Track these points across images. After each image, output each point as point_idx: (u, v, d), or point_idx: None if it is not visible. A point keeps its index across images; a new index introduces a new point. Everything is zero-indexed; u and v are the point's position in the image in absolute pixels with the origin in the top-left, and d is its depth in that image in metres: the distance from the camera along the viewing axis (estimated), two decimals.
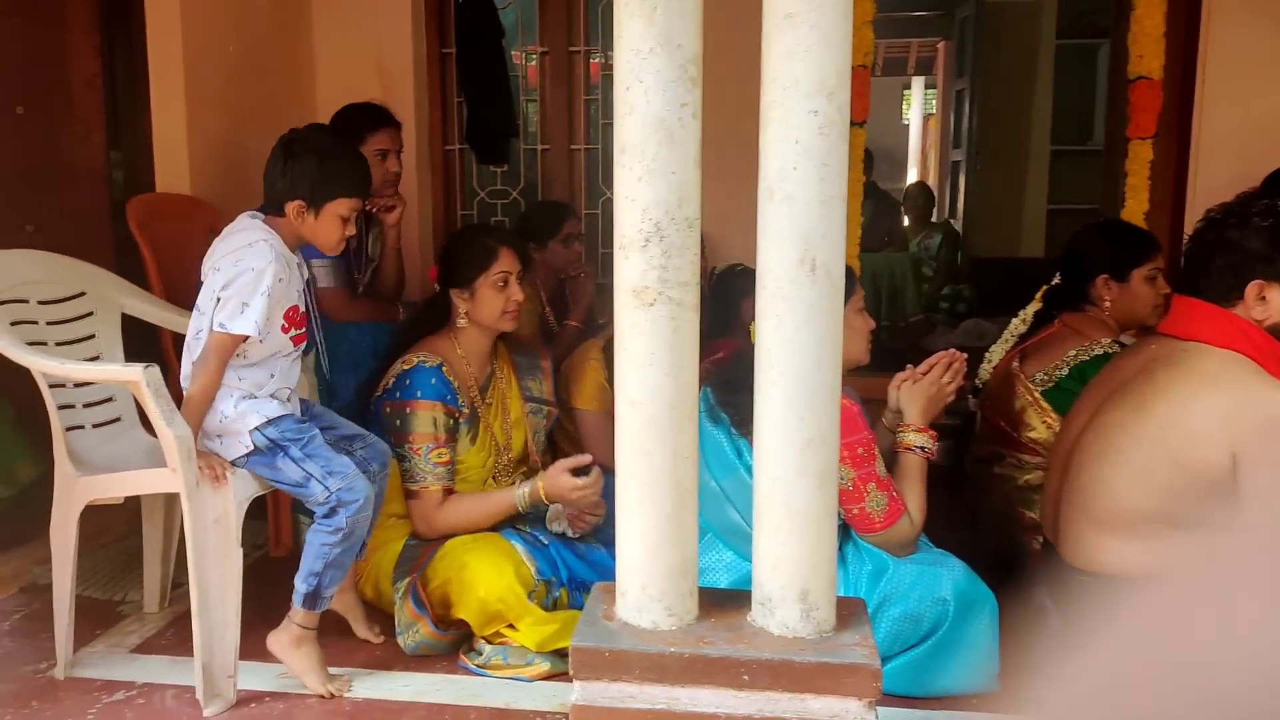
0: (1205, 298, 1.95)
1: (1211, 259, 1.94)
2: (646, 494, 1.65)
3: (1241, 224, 1.90)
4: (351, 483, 2.18)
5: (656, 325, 1.62)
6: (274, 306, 2.18)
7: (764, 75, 1.64)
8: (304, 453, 2.20)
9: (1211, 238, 1.94)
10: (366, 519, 2.22)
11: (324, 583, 2.21)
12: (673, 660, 1.63)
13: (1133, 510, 1.92)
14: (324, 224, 2.24)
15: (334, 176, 2.23)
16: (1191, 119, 3.68)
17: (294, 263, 2.27)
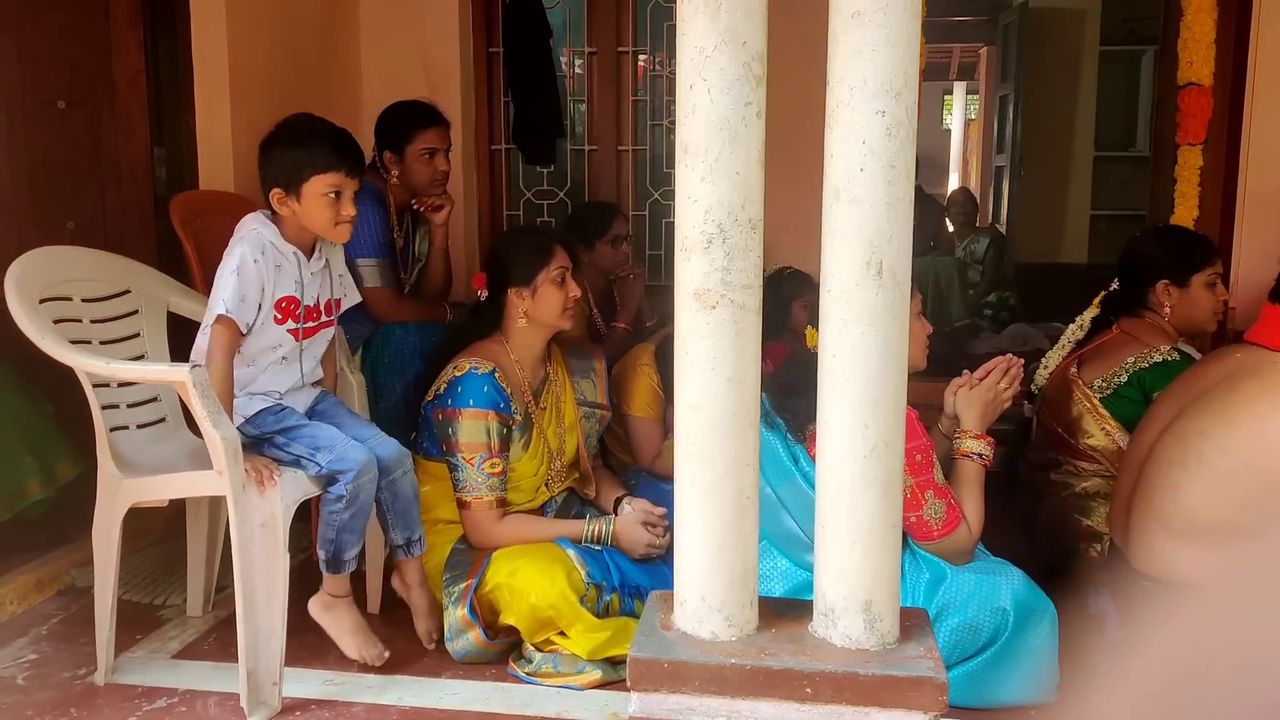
0: None
1: None
2: (707, 501, 1.62)
3: None
4: (342, 453, 2.21)
5: (719, 328, 1.59)
6: (248, 287, 2.18)
7: (830, 75, 1.60)
8: (287, 438, 2.25)
9: None
10: (368, 483, 2.23)
11: (341, 547, 2.25)
12: (733, 672, 1.60)
13: (1209, 519, 1.87)
14: (309, 206, 2.24)
15: (303, 156, 2.23)
16: (1241, 126, 3.61)
17: (290, 251, 2.27)
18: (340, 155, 2.26)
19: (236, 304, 2.18)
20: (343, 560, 2.27)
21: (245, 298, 2.20)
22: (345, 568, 2.29)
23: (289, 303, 2.28)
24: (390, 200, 2.99)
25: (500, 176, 3.99)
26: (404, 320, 2.95)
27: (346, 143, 2.31)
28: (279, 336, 2.28)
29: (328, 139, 2.27)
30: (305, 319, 2.33)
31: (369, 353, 2.89)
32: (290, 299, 2.28)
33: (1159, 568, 1.96)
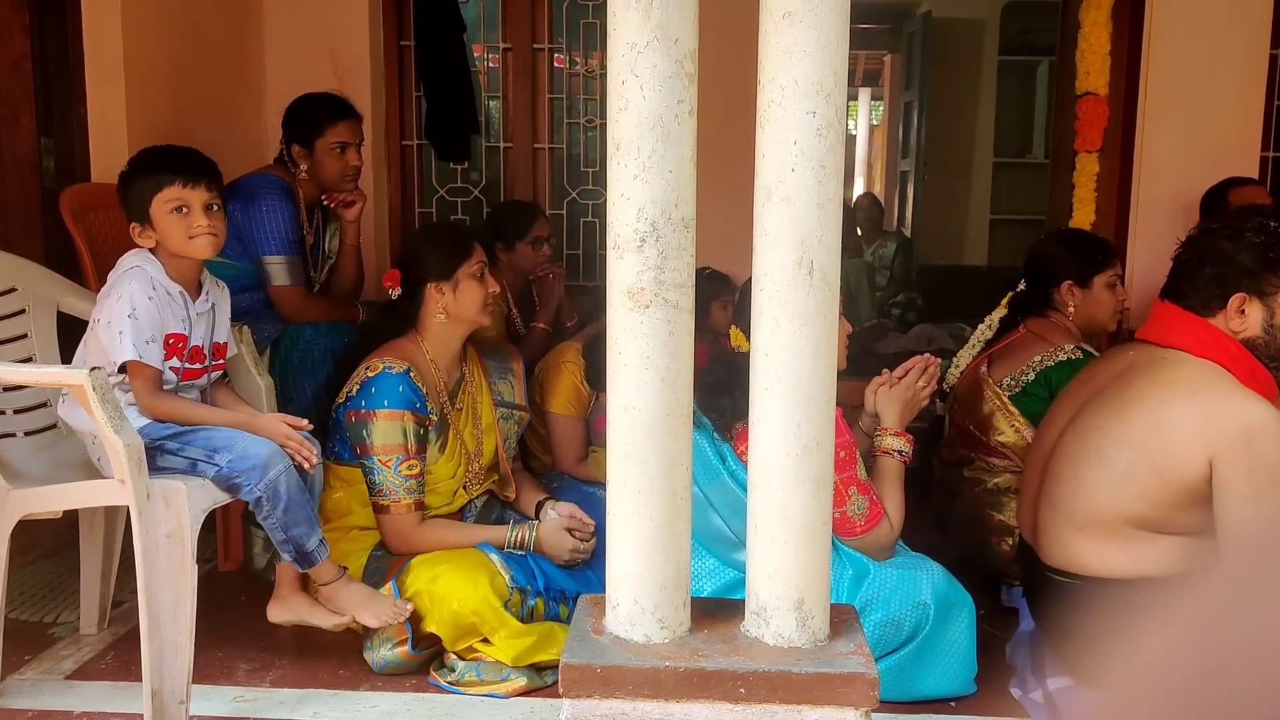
0: (1187, 305, 1.97)
1: (1201, 267, 1.96)
2: (641, 503, 1.61)
3: (1235, 237, 1.92)
4: (242, 450, 2.13)
5: (653, 328, 1.58)
6: (150, 327, 2.15)
7: (761, 75, 1.61)
8: (180, 442, 2.16)
9: (1204, 246, 1.96)
10: (283, 474, 2.14)
11: (300, 543, 2.17)
12: (667, 674, 1.58)
13: (1111, 513, 1.93)
14: (162, 227, 2.21)
15: (142, 181, 2.21)
16: (1134, 134, 3.77)
17: (176, 291, 2.23)
18: (174, 168, 2.23)
19: (144, 347, 2.14)
20: (309, 553, 2.19)
21: (152, 338, 2.16)
22: (319, 556, 2.20)
23: (177, 339, 2.23)
24: (299, 195, 2.89)
25: (412, 173, 3.90)
26: (314, 320, 2.85)
27: (182, 155, 2.28)
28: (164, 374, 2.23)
29: (159, 156, 2.26)
30: (191, 359, 2.28)
31: (277, 354, 2.79)
32: (178, 335, 2.24)
33: (1065, 561, 2.01)
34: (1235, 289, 1.91)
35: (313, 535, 2.18)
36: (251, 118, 3.55)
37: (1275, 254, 1.89)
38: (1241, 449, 1.79)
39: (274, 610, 2.28)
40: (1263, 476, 1.78)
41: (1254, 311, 1.91)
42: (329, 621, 2.23)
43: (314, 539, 2.19)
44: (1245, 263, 1.90)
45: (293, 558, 2.18)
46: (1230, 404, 1.84)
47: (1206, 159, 3.56)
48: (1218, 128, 3.66)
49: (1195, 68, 3.64)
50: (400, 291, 2.49)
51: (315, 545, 2.19)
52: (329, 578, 2.23)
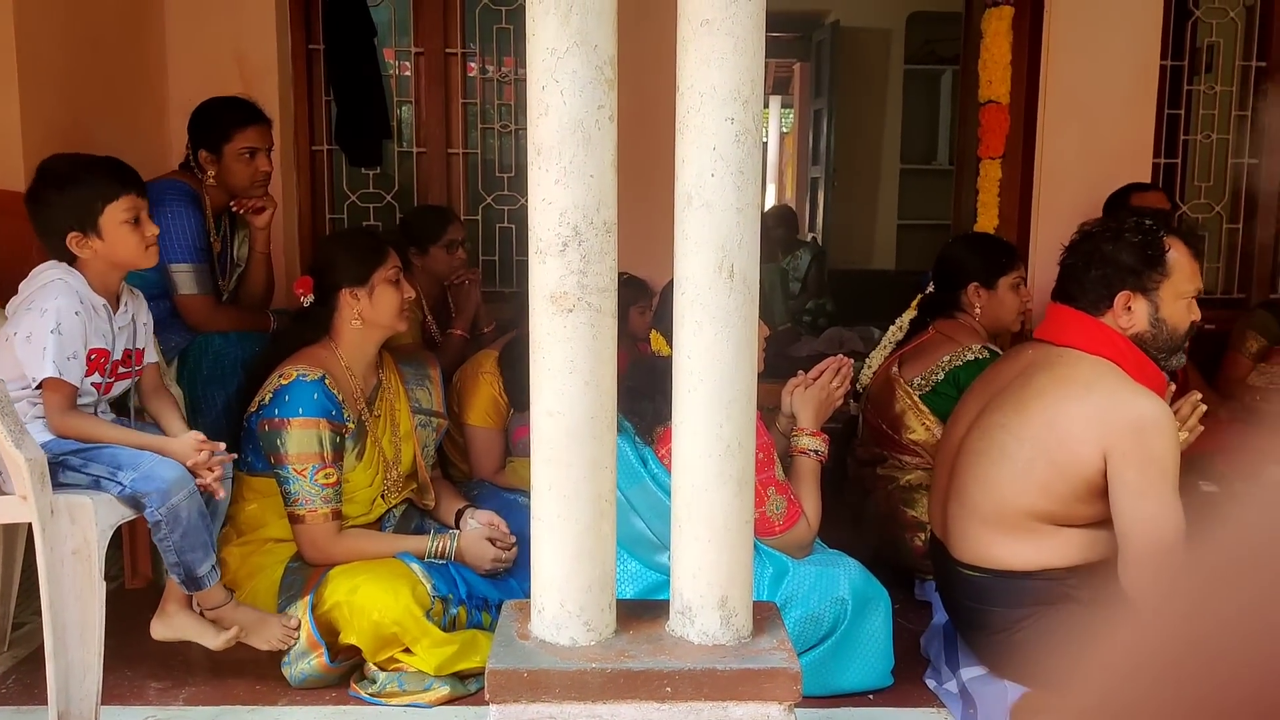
0: (1077, 306, 2.06)
1: (1087, 269, 2.05)
2: (566, 506, 1.61)
3: (1115, 238, 2.02)
4: (148, 471, 2.08)
5: (576, 332, 1.58)
6: (72, 344, 2.09)
7: (680, 81, 1.63)
8: (84, 458, 2.10)
9: (1087, 249, 2.05)
10: (187, 499, 2.09)
11: (190, 567, 2.12)
12: (594, 676, 1.59)
13: (1015, 507, 2.00)
14: (114, 238, 2.17)
15: (86, 189, 2.16)
16: (1035, 141, 3.91)
17: (100, 305, 2.18)
18: (124, 179, 2.20)
19: (64, 363, 2.08)
20: (198, 578, 2.14)
21: (74, 354, 2.10)
22: (206, 582, 2.15)
23: (99, 355, 2.17)
24: (206, 202, 2.81)
25: (322, 179, 3.82)
26: (223, 329, 2.78)
27: (120, 165, 2.24)
28: (83, 387, 2.16)
29: (104, 166, 2.21)
30: (111, 373, 2.22)
31: (186, 364, 2.71)
32: (101, 351, 2.17)
33: (974, 555, 2.08)
34: (1120, 288, 2.00)
35: (206, 561, 2.14)
36: (153, 123, 3.44)
37: (1154, 251, 1.99)
38: (1133, 442, 1.88)
39: (157, 627, 2.21)
40: (1154, 468, 1.87)
41: (1139, 308, 2.01)
42: (216, 641, 2.17)
43: (206, 565, 2.14)
44: (1127, 262, 1.99)
45: (181, 580, 2.13)
46: (1122, 399, 1.92)
47: (1103, 165, 3.72)
48: (1113, 135, 3.82)
49: (1091, 77, 3.80)
50: (313, 298, 2.44)
51: (206, 571, 2.14)
52: (216, 603, 2.19)
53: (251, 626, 2.19)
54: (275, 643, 2.19)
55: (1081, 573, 1.99)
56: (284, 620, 2.21)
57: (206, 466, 2.13)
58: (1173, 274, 2.00)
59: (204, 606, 2.19)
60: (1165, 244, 2.00)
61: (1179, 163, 4.04)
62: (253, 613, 2.22)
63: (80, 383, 2.13)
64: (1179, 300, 2.01)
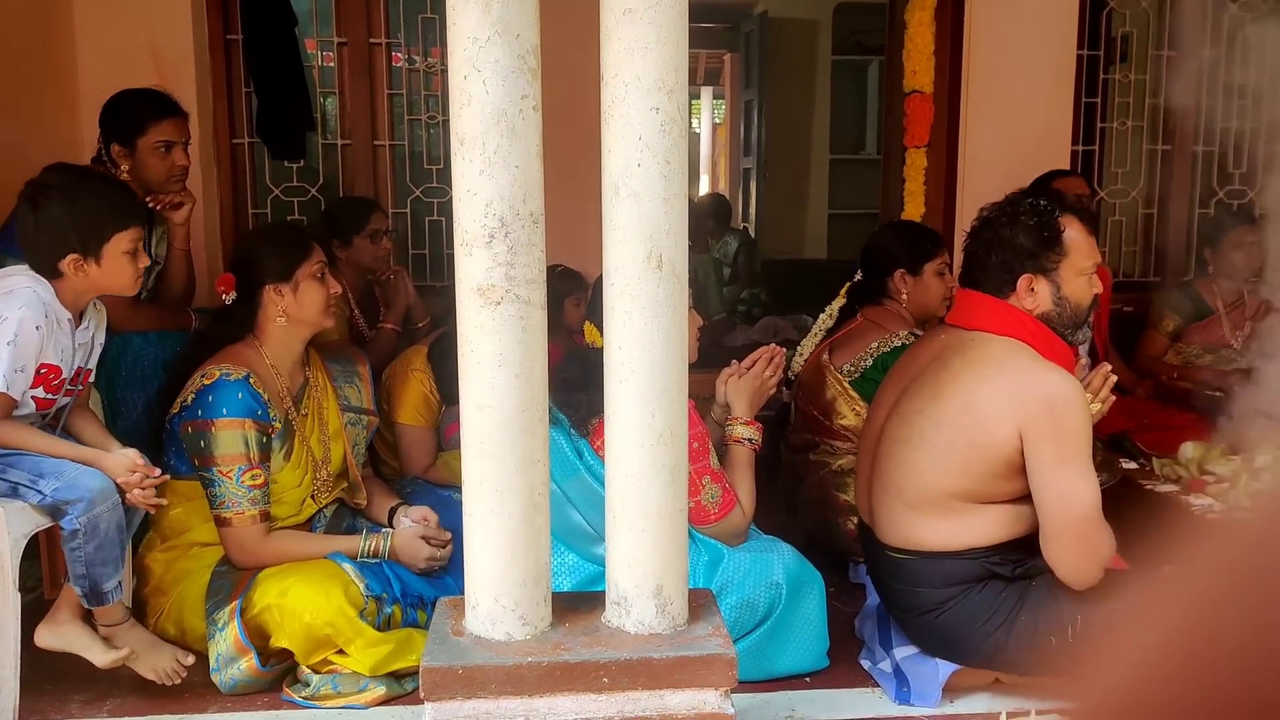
0: (984, 290, 2.10)
1: (988, 255, 2.09)
2: (499, 501, 1.60)
3: (1011, 222, 2.06)
4: (71, 480, 2.02)
5: (505, 324, 1.57)
6: (26, 356, 2.03)
7: (604, 71, 1.62)
8: (2, 464, 2.04)
9: (987, 236, 2.09)
10: (108, 511, 2.05)
11: (97, 581, 2.06)
12: (530, 670, 1.59)
13: (936, 489, 2.04)
14: (112, 266, 2.12)
15: (100, 213, 2.09)
16: (959, 129, 3.98)
17: (65, 320, 2.11)
18: (135, 209, 2.17)
19: (12, 376, 2.01)
20: (103, 593, 2.07)
21: (23, 368, 2.03)
22: (110, 598, 2.09)
23: (50, 371, 2.10)
24: None
25: (244, 173, 3.73)
26: (142, 329, 2.69)
27: (133, 194, 2.21)
28: (24, 400, 2.08)
29: (119, 192, 2.16)
30: (57, 389, 2.15)
31: (104, 366, 2.61)
32: (53, 368, 2.10)
33: (900, 538, 2.11)
34: (1021, 271, 2.05)
35: (114, 577, 2.09)
36: (62, 117, 3.32)
37: (1050, 233, 2.03)
38: (1046, 419, 1.92)
39: (44, 634, 2.12)
40: (1068, 443, 1.92)
41: (1042, 289, 2.05)
42: (104, 658, 2.10)
43: (114, 580, 2.09)
44: (1025, 246, 2.04)
45: (83, 593, 2.07)
46: (1033, 378, 1.97)
47: (1023, 152, 3.79)
48: (1033, 123, 3.90)
49: (1011, 67, 3.87)
50: (235, 296, 2.38)
51: (112, 587, 2.09)
52: (114, 620, 2.13)
53: (143, 651, 2.13)
54: (163, 675, 2.12)
55: (1005, 549, 2.04)
56: (179, 655, 2.14)
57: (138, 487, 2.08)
58: (1070, 252, 2.05)
59: (102, 621, 2.12)
60: (1060, 224, 2.04)
61: (1096, 149, 4.14)
62: (147, 637, 2.17)
63: (21, 396, 2.06)
64: (1079, 277, 2.06)
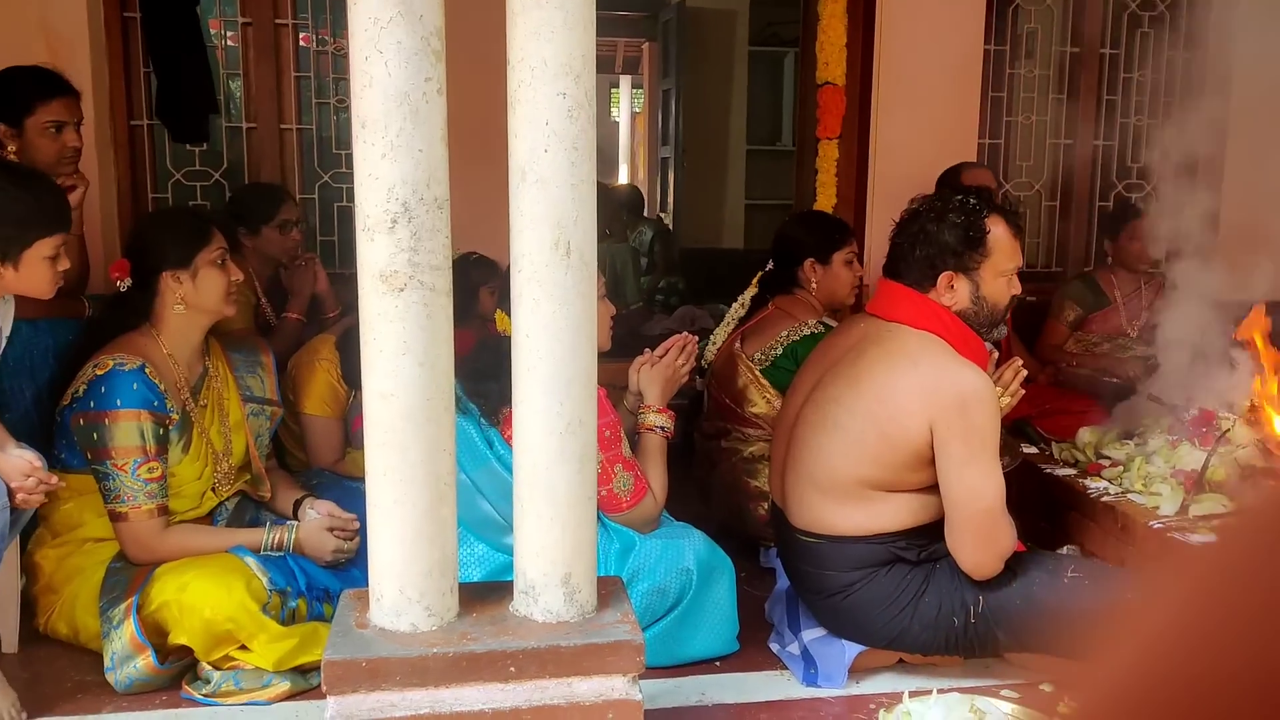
0: (905, 282, 2.14)
1: (913, 249, 2.13)
2: (403, 491, 1.57)
3: (939, 218, 2.10)
4: None
5: (408, 311, 1.55)
6: None
7: (510, 55, 1.60)
8: None
9: (914, 229, 2.13)
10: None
11: None
12: (435, 661, 1.57)
13: (848, 476, 2.08)
14: (29, 272, 2.03)
15: (23, 217, 2.00)
16: (870, 121, 4.04)
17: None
18: (62, 215, 2.08)
19: None
20: None
21: None
22: None
23: None
24: None
25: (143, 156, 3.59)
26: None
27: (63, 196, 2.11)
28: None
29: (49, 195, 2.07)
30: None
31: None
32: None
33: (811, 522, 2.15)
34: (943, 268, 2.09)
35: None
36: None
37: (975, 233, 2.08)
38: (956, 413, 1.97)
39: None
40: (976, 438, 1.97)
41: (961, 287, 2.10)
42: None
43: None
44: (949, 243, 2.09)
45: None
46: (946, 373, 2.01)
47: (932, 145, 3.87)
48: (941, 116, 3.98)
49: (921, 61, 3.95)
50: (130, 282, 2.30)
51: None
52: None
53: None
54: None
55: (911, 534, 2.09)
56: (13, 706, 2.00)
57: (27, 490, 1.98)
58: (993, 254, 2.10)
59: None
60: (986, 225, 2.09)
61: (1002, 143, 4.25)
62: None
63: None
64: (999, 278, 2.11)
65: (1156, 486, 2.73)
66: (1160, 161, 4.34)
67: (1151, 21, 4.25)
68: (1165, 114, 4.32)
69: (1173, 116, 4.31)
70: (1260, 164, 3.74)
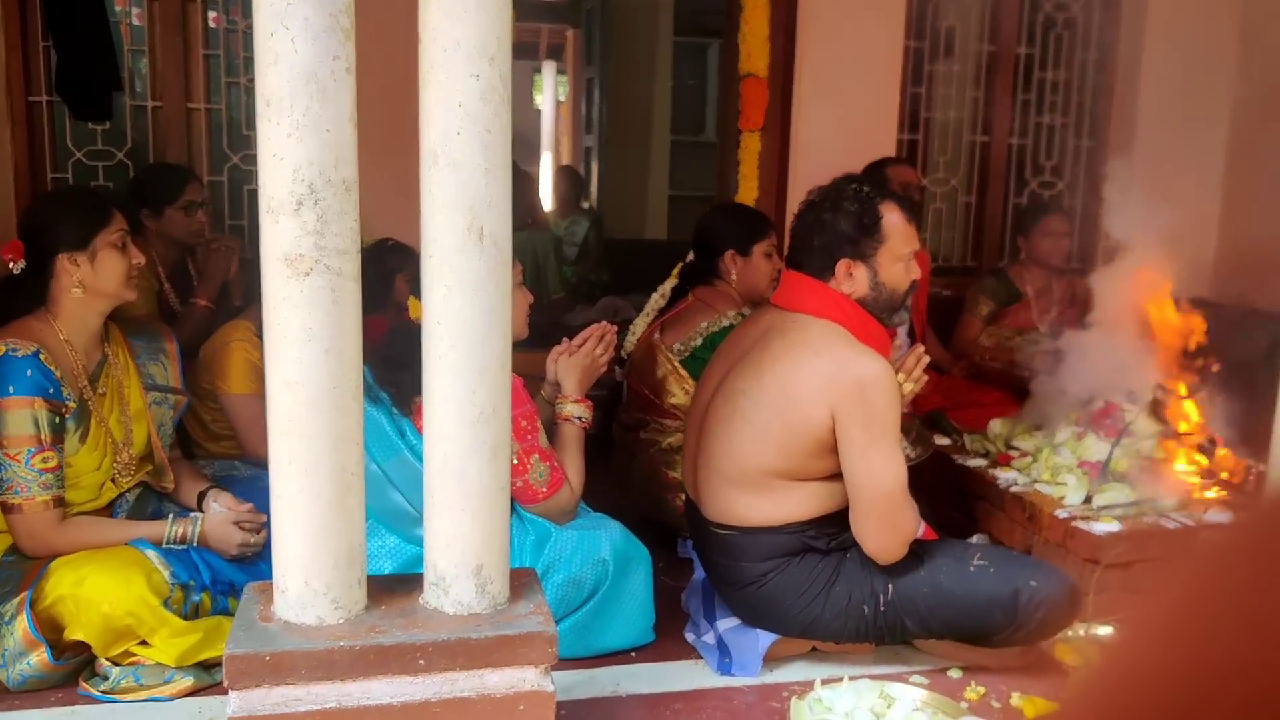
0: (806, 273, 2.16)
1: (810, 239, 2.15)
2: (308, 481, 1.53)
3: (833, 207, 2.12)
4: None
5: (314, 296, 1.50)
6: None
7: (422, 34, 1.57)
8: None
9: (810, 219, 2.15)
10: None
11: None
12: (342, 655, 1.53)
13: (756, 467, 2.09)
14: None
15: None
16: (791, 113, 4.07)
17: None
18: None
19: None
20: None
21: None
22: None
23: None
24: None
25: (41, 133, 3.43)
26: None
27: None
28: None
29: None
30: None
31: None
32: None
33: (722, 513, 2.16)
34: (840, 255, 2.11)
35: None
36: None
37: (869, 219, 2.10)
38: (856, 400, 2.00)
39: None
40: (877, 425, 2.00)
41: (860, 274, 2.13)
42: None
43: None
44: (845, 231, 2.11)
45: None
46: (847, 361, 2.04)
47: (852, 139, 3.91)
48: (861, 110, 4.03)
49: (842, 54, 3.98)
50: (25, 264, 2.20)
51: None
52: None
53: None
54: None
55: (820, 523, 2.11)
56: None
57: None
58: (889, 239, 2.12)
59: None
60: (880, 211, 2.11)
61: (921, 138, 4.32)
62: None
63: None
64: (896, 263, 2.14)
65: (1063, 477, 2.81)
66: (1072, 159, 4.48)
67: (1065, 23, 4.36)
68: (1078, 113, 4.44)
69: (1084, 116, 4.45)
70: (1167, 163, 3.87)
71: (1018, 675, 2.21)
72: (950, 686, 2.16)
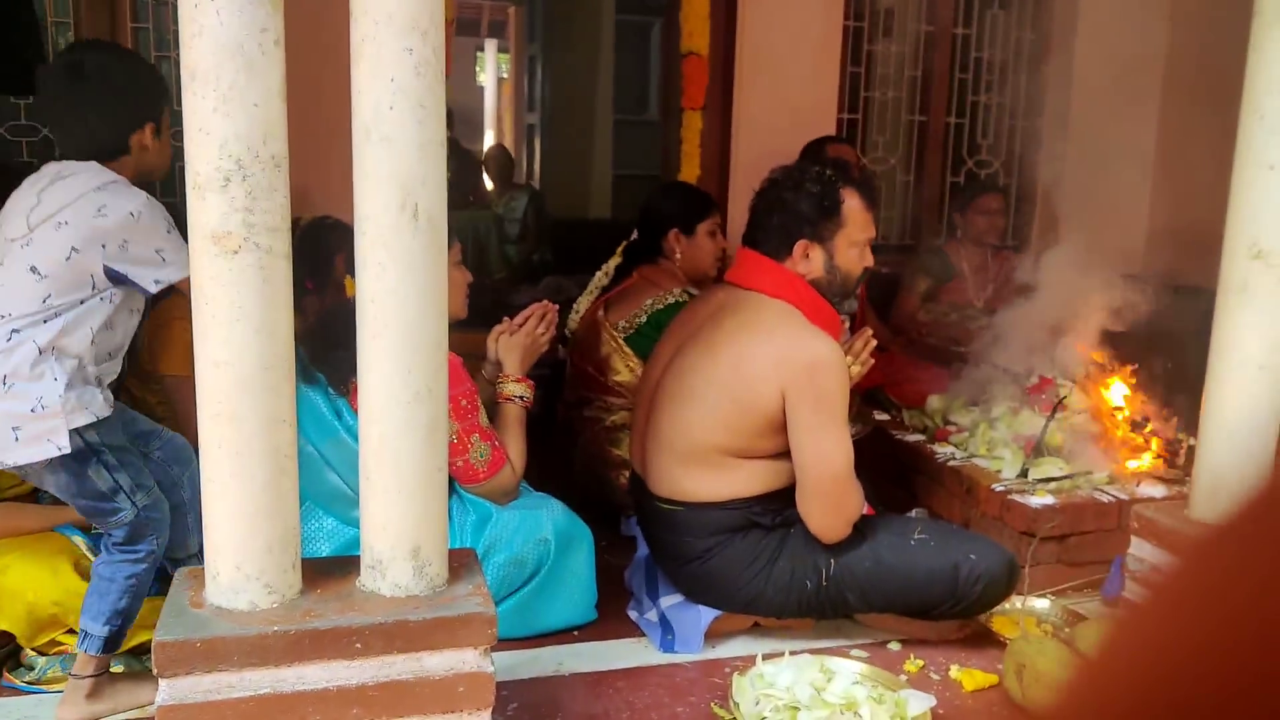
0: (762, 251, 2.17)
1: (769, 217, 2.15)
2: (239, 464, 1.50)
3: (795, 188, 2.13)
4: (157, 499, 1.87)
5: (243, 275, 1.47)
6: None
7: (353, 6, 1.53)
8: (118, 459, 1.82)
9: (771, 198, 2.15)
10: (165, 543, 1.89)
11: (127, 621, 1.87)
12: (276, 640, 1.51)
13: (704, 444, 2.10)
14: None
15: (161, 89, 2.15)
16: (733, 93, 4.07)
17: None
18: None
19: None
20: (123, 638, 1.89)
21: None
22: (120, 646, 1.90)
23: None
24: None
25: None
26: None
27: None
28: None
29: None
30: None
31: None
32: None
33: (669, 489, 2.17)
34: (799, 236, 2.13)
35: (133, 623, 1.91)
36: None
37: (830, 202, 2.12)
38: (807, 381, 2.01)
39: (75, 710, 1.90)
40: (826, 406, 2.02)
41: (816, 255, 2.14)
42: None
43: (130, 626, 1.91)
44: (805, 212, 2.12)
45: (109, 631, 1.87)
46: (798, 342, 2.05)
47: (793, 118, 3.92)
48: (801, 89, 4.03)
49: (782, 34, 3.98)
50: None
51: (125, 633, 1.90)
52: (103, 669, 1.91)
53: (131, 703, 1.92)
54: None
55: (765, 500, 2.13)
56: None
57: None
58: (847, 224, 2.14)
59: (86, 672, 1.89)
60: (841, 195, 2.13)
61: (860, 118, 4.35)
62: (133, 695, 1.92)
63: None
64: (852, 248, 2.16)
65: (999, 451, 2.87)
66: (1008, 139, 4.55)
67: (1002, 3, 4.41)
68: (1013, 93, 4.50)
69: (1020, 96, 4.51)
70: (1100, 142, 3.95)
71: (956, 648, 2.25)
72: (890, 659, 2.19)
